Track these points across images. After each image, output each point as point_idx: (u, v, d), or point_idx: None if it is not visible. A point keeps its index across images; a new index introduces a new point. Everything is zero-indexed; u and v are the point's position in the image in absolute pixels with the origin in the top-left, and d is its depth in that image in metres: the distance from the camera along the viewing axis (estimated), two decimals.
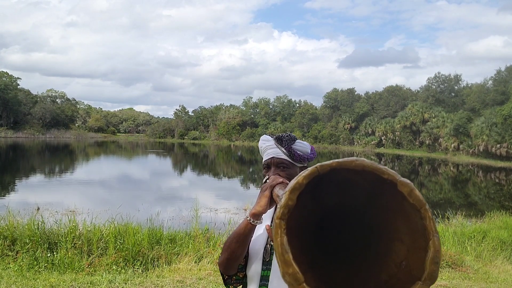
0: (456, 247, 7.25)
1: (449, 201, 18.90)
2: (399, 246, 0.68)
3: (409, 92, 67.24)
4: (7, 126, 65.03)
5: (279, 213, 0.65)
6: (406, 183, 0.62)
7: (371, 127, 64.27)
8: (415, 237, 0.64)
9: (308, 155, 1.51)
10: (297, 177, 0.65)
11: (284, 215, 0.65)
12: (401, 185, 0.62)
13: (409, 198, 0.62)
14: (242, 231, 1.34)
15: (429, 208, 0.63)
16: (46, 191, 16.95)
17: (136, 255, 5.66)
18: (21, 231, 5.84)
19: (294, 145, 1.49)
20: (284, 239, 0.64)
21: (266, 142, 1.54)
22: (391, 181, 0.62)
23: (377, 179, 0.63)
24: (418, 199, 0.62)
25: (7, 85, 64.70)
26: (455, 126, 49.91)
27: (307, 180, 0.64)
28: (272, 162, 1.49)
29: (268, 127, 73.01)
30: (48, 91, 79.61)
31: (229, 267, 1.42)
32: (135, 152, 49.31)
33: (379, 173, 0.62)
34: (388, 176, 0.62)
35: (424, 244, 0.64)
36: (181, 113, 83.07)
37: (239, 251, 1.37)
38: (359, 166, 0.63)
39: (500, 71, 53.04)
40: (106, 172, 26.90)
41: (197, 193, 17.05)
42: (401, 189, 0.62)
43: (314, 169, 0.64)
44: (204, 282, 4.89)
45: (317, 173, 0.64)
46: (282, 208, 0.65)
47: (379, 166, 0.63)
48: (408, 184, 0.62)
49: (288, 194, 0.65)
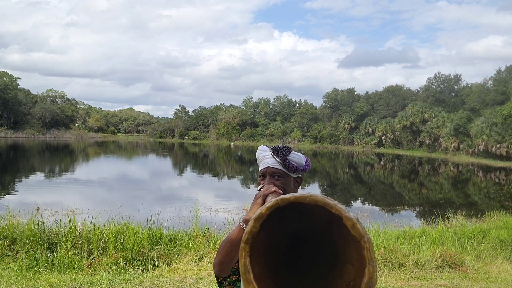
0: (456, 247, 7.25)
1: (449, 201, 18.90)
2: (350, 269, 0.79)
3: (409, 92, 67.23)
4: (7, 126, 65.01)
5: (244, 238, 0.77)
6: (349, 217, 0.73)
7: (371, 127, 64.26)
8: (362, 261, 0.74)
9: (302, 166, 1.58)
10: (260, 208, 0.77)
11: (249, 240, 0.77)
12: (345, 219, 0.73)
13: (352, 230, 0.72)
14: (235, 236, 1.40)
15: (368, 239, 0.72)
16: (46, 191, 16.95)
17: (136, 255, 5.66)
18: (21, 231, 5.84)
19: (289, 156, 1.56)
20: (247, 261, 0.77)
21: (263, 152, 1.63)
22: (338, 215, 0.73)
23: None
24: (358, 232, 0.72)
25: (7, 85, 64.65)
26: (455, 126, 49.90)
27: (269, 211, 0.76)
28: (268, 172, 1.57)
29: (268, 127, 73.01)
30: (48, 91, 79.61)
31: (222, 269, 1.48)
32: (135, 152, 49.30)
33: (328, 207, 0.73)
34: (336, 211, 0.73)
35: None
36: (181, 113, 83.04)
37: (232, 254, 1.43)
38: (312, 201, 0.74)
39: (500, 71, 53.04)
40: (106, 172, 26.90)
41: (197, 193, 17.06)
42: (345, 222, 0.73)
43: (275, 202, 0.76)
44: (204, 282, 4.89)
45: (278, 206, 0.76)
46: (247, 234, 0.77)
47: (328, 201, 0.73)
48: (351, 219, 0.73)
49: (253, 222, 0.76)
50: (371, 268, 0.72)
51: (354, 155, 53.67)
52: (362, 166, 39.86)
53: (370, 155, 53.95)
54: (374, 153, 57.11)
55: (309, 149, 59.95)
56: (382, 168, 38.39)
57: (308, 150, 57.40)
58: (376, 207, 16.84)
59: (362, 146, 64.11)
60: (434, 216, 11.28)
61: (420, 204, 18.11)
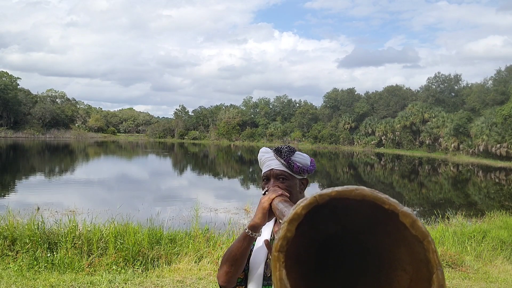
0: (456, 247, 7.25)
1: (449, 201, 18.89)
2: (402, 275, 0.66)
3: (409, 92, 67.22)
4: (7, 126, 65.01)
5: (277, 245, 0.62)
6: (408, 213, 0.61)
7: (371, 127, 64.26)
8: (419, 267, 0.62)
9: (307, 167, 1.51)
10: (295, 207, 0.63)
11: (283, 248, 0.62)
12: (403, 216, 0.60)
13: (412, 229, 0.60)
14: (241, 244, 1.34)
15: (432, 240, 0.61)
16: (46, 191, 16.95)
17: (136, 255, 5.65)
18: (21, 231, 5.84)
19: (293, 157, 1.48)
20: (283, 273, 0.61)
21: (265, 154, 1.54)
22: (392, 211, 0.61)
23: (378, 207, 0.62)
24: (420, 231, 0.60)
25: (7, 85, 64.65)
26: (455, 126, 49.89)
27: (306, 210, 0.61)
28: (272, 174, 1.47)
29: (268, 127, 72.99)
30: (48, 91, 79.62)
31: (228, 280, 1.40)
32: (135, 152, 49.29)
33: (380, 202, 0.61)
34: (390, 206, 0.61)
35: (427, 274, 0.62)
36: (181, 113, 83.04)
37: (238, 263, 1.36)
38: (359, 196, 0.61)
39: (500, 71, 53.06)
40: (106, 172, 26.89)
41: (197, 193, 17.05)
42: (403, 220, 0.60)
43: (313, 199, 0.62)
44: (204, 282, 4.89)
45: (316, 203, 0.62)
46: (281, 240, 0.62)
47: (379, 195, 0.62)
48: (410, 215, 0.61)
49: (286, 225, 0.61)
50: (440, 274, 0.60)
51: (354, 155, 53.67)
52: (362, 166, 39.85)
53: (370, 155, 53.95)
54: (374, 153, 57.11)
55: (309, 149, 59.93)
56: (382, 168, 38.39)
57: (308, 150, 57.36)
58: None
59: (362, 146, 64.10)
60: (434, 216, 11.28)
61: (420, 204, 18.11)
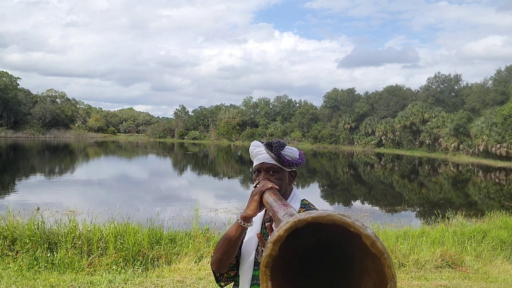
0: (456, 247, 7.25)
1: (449, 201, 18.90)
2: (368, 280, 0.80)
3: (409, 92, 67.21)
4: (7, 126, 64.98)
5: (264, 262, 0.78)
6: (368, 235, 0.73)
7: (371, 127, 64.26)
8: (380, 274, 0.75)
9: (296, 160, 1.58)
10: (278, 230, 0.77)
11: (269, 264, 0.78)
12: (365, 237, 0.73)
13: (372, 248, 0.73)
14: (233, 233, 1.43)
15: (387, 256, 0.73)
16: (46, 191, 16.95)
17: (136, 255, 5.66)
18: (21, 231, 5.84)
19: (283, 151, 1.55)
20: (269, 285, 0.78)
21: (256, 147, 1.62)
22: (356, 233, 0.74)
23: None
24: (378, 250, 0.73)
25: (7, 85, 64.62)
26: (455, 126, 49.90)
27: (287, 233, 0.76)
28: (262, 167, 1.56)
29: (268, 127, 73.00)
30: (48, 91, 79.55)
31: (220, 266, 1.51)
32: (135, 152, 49.28)
33: (346, 226, 0.74)
34: (354, 229, 0.73)
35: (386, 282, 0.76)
36: (181, 113, 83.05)
37: (231, 251, 1.46)
38: (330, 221, 0.74)
39: (500, 71, 53.09)
40: (106, 172, 26.89)
41: (197, 193, 17.06)
42: (364, 240, 0.73)
43: (293, 223, 0.76)
44: (204, 282, 4.89)
45: (296, 227, 0.77)
46: (267, 257, 0.77)
47: (346, 220, 0.74)
48: (370, 237, 0.73)
49: (271, 245, 0.77)
50: (393, 285, 0.74)
51: (354, 155, 53.67)
52: (362, 166, 39.85)
53: (370, 155, 53.95)
54: (374, 153, 57.11)
55: (309, 149, 59.94)
56: (382, 168, 38.39)
57: (308, 150, 57.38)
58: (376, 207, 16.84)
59: (362, 146, 64.11)
60: (434, 216, 11.29)
61: (420, 204, 18.12)
